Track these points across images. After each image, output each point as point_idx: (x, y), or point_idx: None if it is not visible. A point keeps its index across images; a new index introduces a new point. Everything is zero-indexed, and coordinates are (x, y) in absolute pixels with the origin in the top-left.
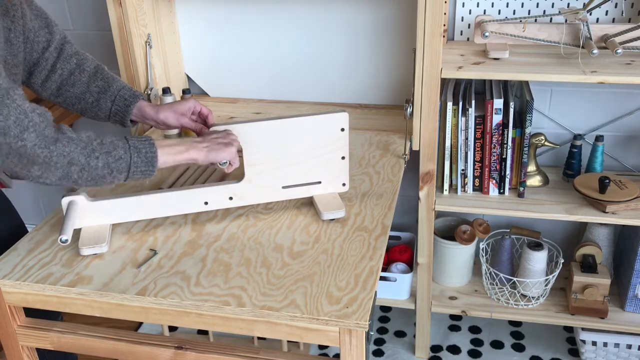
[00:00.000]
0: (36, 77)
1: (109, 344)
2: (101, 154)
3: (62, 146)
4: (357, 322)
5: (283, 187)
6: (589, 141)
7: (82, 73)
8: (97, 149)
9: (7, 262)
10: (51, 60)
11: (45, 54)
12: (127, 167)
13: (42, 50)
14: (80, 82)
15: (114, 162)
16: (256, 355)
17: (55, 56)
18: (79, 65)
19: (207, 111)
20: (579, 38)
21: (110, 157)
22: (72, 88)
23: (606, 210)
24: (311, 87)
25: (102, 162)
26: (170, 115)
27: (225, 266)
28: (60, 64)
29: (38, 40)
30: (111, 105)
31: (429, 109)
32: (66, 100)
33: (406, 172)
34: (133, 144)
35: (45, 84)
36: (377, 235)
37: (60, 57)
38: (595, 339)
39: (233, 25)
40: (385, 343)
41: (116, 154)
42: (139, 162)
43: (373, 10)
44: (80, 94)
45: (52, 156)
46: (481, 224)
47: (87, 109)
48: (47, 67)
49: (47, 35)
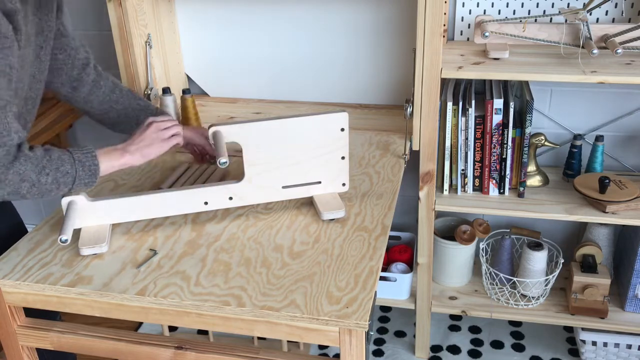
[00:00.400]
0: (81, 92)
1: (109, 344)
2: (51, 170)
3: (19, 165)
4: (357, 322)
5: (283, 187)
6: (589, 141)
7: (121, 92)
8: (47, 166)
9: (7, 262)
10: (92, 77)
11: (86, 69)
12: (73, 180)
13: (82, 67)
14: (122, 100)
15: (62, 177)
16: (256, 355)
17: (95, 74)
18: (116, 85)
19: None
20: (579, 38)
21: (59, 172)
22: (116, 105)
23: (606, 210)
24: (311, 87)
25: (51, 178)
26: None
27: (225, 266)
28: (103, 81)
29: (79, 57)
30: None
31: (429, 109)
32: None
33: (406, 172)
34: (78, 158)
35: (88, 98)
36: (377, 235)
37: (100, 75)
38: (595, 339)
39: (233, 25)
40: (385, 343)
41: (64, 169)
42: (83, 175)
43: (373, 10)
44: (122, 110)
45: (8, 174)
46: (481, 224)
47: (125, 122)
48: (89, 82)
49: (85, 54)
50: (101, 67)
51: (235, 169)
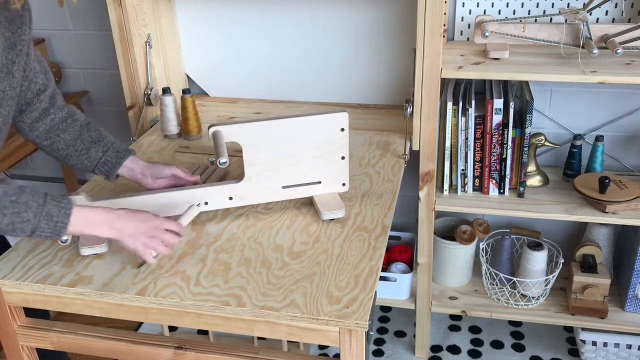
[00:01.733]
0: (26, 117)
1: (109, 344)
2: (9, 213)
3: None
4: (357, 322)
5: (283, 187)
6: (589, 141)
7: (74, 122)
8: (8, 207)
9: (7, 262)
10: (44, 105)
11: (40, 96)
12: (32, 229)
13: (37, 92)
14: (73, 130)
15: (20, 223)
16: (256, 355)
17: (48, 102)
18: (71, 115)
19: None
20: (579, 38)
21: (18, 217)
22: (63, 134)
23: (606, 210)
24: (311, 87)
25: (7, 220)
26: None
27: (225, 266)
28: (54, 109)
29: (36, 82)
30: (102, 155)
31: (429, 109)
32: (53, 144)
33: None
34: (47, 210)
35: (34, 125)
36: (377, 235)
37: (53, 105)
38: (595, 339)
39: (233, 25)
40: (385, 343)
41: (25, 216)
42: (46, 228)
43: (373, 10)
44: (71, 140)
45: None
46: (481, 224)
47: (74, 156)
48: (39, 109)
49: (44, 80)
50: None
51: (235, 169)
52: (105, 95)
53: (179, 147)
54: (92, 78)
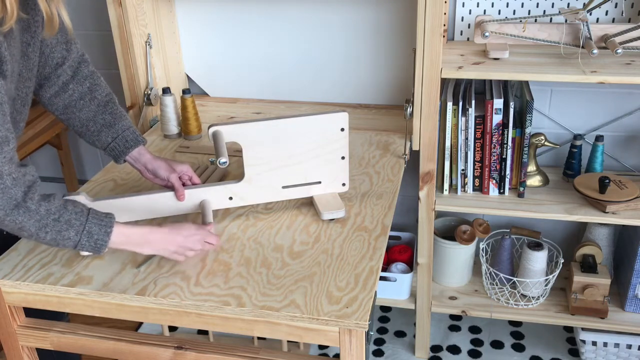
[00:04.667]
0: (45, 91)
1: (109, 344)
2: (51, 231)
3: (17, 215)
4: (357, 322)
5: (283, 187)
6: (589, 141)
7: (92, 100)
8: (50, 225)
9: (7, 262)
10: (64, 78)
11: (58, 70)
12: (74, 245)
13: (55, 66)
14: (88, 109)
15: (62, 240)
16: (256, 355)
17: (69, 74)
18: (92, 91)
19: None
20: (579, 38)
21: (59, 235)
22: (79, 112)
23: (606, 210)
24: (311, 87)
25: (50, 237)
26: (162, 167)
27: (225, 266)
28: (74, 84)
29: (53, 57)
30: (111, 141)
31: (429, 109)
32: (69, 120)
33: (406, 172)
34: (88, 228)
35: (53, 100)
36: (377, 235)
37: (75, 78)
38: (595, 339)
39: (233, 25)
40: (385, 343)
41: (66, 234)
42: (87, 245)
43: (373, 10)
44: (85, 120)
45: (5, 220)
46: (481, 224)
47: (87, 134)
48: (58, 83)
49: (63, 52)
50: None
51: (235, 169)
52: None
53: (179, 147)
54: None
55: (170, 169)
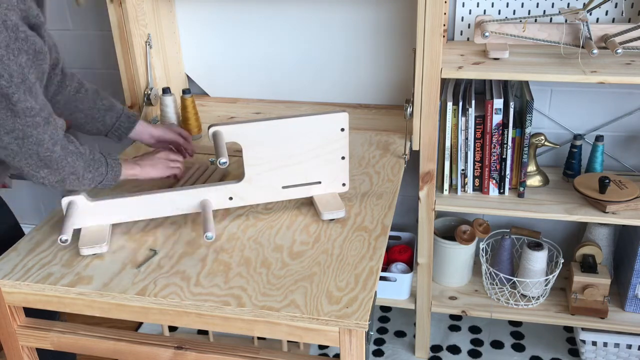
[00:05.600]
0: (48, 91)
1: (109, 344)
2: (93, 169)
3: (73, 160)
4: (357, 322)
5: (283, 187)
6: (589, 141)
7: (86, 92)
8: (91, 165)
9: (7, 262)
10: (59, 77)
11: (55, 69)
12: (101, 181)
13: (52, 66)
14: (87, 100)
15: (98, 177)
16: (256, 355)
17: (61, 74)
18: (81, 85)
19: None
20: (579, 38)
21: (97, 172)
22: (80, 104)
23: (606, 210)
24: (311, 87)
25: (91, 175)
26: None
27: (225, 266)
28: (67, 81)
29: (52, 57)
30: (115, 121)
31: (429, 109)
32: (72, 114)
33: (406, 172)
34: (110, 163)
35: (55, 99)
36: (377, 235)
37: (66, 76)
38: (595, 339)
39: (233, 25)
40: (385, 343)
41: (102, 170)
42: (110, 178)
43: (373, 10)
44: (88, 110)
45: (65, 165)
46: (481, 224)
47: (91, 123)
48: (56, 82)
49: (56, 54)
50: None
51: (235, 169)
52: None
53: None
54: (92, 78)
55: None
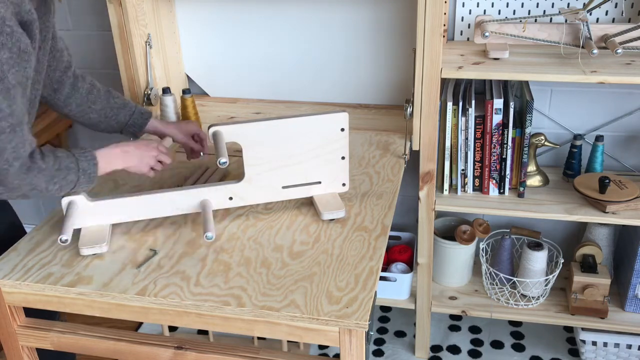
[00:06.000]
0: (60, 94)
1: (109, 344)
2: (58, 180)
3: (32, 177)
4: (357, 322)
5: (283, 187)
6: (589, 141)
7: (98, 92)
8: (57, 176)
9: (7, 262)
10: (71, 80)
11: (67, 72)
12: (73, 186)
13: (64, 69)
14: (100, 100)
15: (66, 185)
16: (256, 355)
17: (73, 77)
18: (93, 85)
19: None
20: (579, 38)
21: (65, 181)
22: (94, 105)
23: (606, 210)
24: (311, 87)
25: (58, 186)
26: (177, 133)
27: (225, 266)
28: (81, 83)
29: (62, 60)
30: (129, 118)
31: (429, 109)
32: (85, 115)
33: (406, 172)
34: (82, 167)
35: (67, 101)
36: (377, 235)
37: (77, 78)
38: (595, 339)
39: (233, 25)
40: (385, 343)
41: (69, 178)
42: (84, 181)
43: (373, 10)
44: (101, 110)
45: (22, 185)
46: (481, 224)
47: (104, 122)
48: (68, 85)
49: (68, 57)
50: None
51: (235, 169)
52: None
53: (179, 147)
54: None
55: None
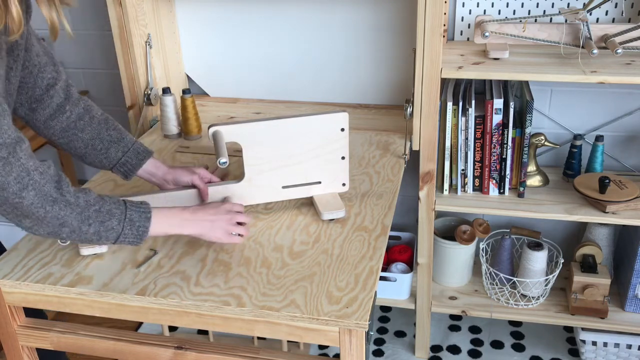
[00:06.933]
0: (39, 114)
1: (109, 344)
2: (94, 222)
3: (58, 209)
4: (357, 322)
5: (283, 187)
6: (589, 141)
7: (92, 119)
8: (92, 217)
9: (7, 262)
10: (57, 100)
11: (50, 91)
12: (117, 237)
13: (46, 87)
14: (91, 129)
15: (105, 232)
16: (256, 355)
17: (62, 97)
18: (88, 111)
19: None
20: (579, 38)
21: (103, 226)
22: (81, 133)
23: (606, 210)
24: (311, 87)
25: (93, 229)
26: (183, 173)
27: (225, 266)
28: (69, 106)
29: (43, 77)
30: (122, 156)
31: (429, 109)
32: (70, 143)
33: (406, 172)
34: (129, 216)
35: (49, 123)
36: (377, 235)
37: (69, 100)
38: (595, 339)
39: (233, 25)
40: (385, 343)
41: (109, 224)
42: (129, 234)
43: (373, 10)
44: (90, 140)
45: (47, 216)
46: (481, 224)
47: (92, 154)
48: (52, 105)
49: (53, 73)
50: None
51: (236, 169)
52: (105, 95)
53: (179, 147)
54: (92, 78)
55: (190, 172)
